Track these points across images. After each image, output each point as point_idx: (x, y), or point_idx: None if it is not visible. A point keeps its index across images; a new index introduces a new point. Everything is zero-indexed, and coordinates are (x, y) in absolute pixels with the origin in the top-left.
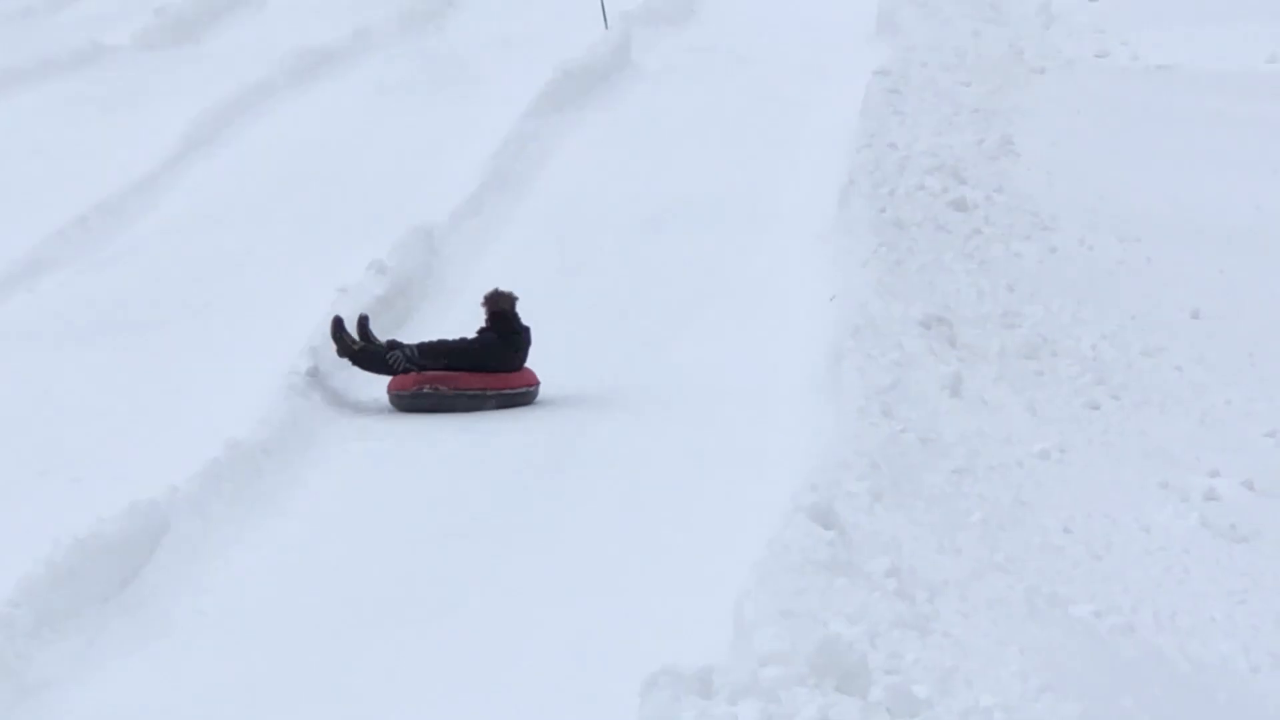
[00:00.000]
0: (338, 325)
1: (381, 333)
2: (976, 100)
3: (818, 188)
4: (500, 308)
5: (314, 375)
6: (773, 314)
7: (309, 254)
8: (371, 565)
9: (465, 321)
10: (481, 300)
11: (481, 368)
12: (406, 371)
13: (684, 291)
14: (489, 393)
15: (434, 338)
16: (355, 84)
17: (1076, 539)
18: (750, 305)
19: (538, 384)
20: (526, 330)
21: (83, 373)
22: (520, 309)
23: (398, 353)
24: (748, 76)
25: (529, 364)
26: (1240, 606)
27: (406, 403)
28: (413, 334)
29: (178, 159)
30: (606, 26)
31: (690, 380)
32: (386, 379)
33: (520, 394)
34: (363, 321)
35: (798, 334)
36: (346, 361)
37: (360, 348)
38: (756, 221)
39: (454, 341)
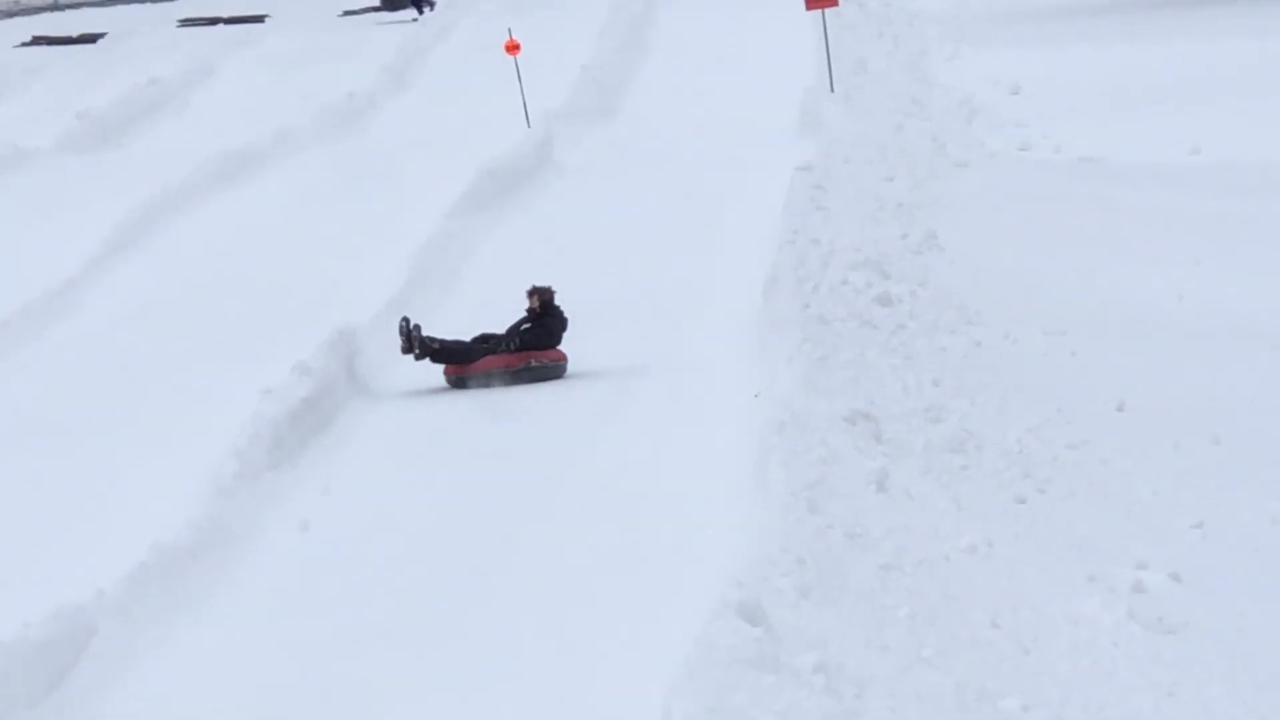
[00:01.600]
0: (411, 330)
1: (305, 434)
2: (900, 195)
3: (742, 284)
4: (548, 298)
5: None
6: (698, 411)
7: (232, 356)
8: (296, 669)
9: (391, 418)
10: (529, 292)
11: (549, 346)
12: (514, 351)
13: (608, 389)
14: (562, 364)
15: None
16: (278, 186)
17: (1004, 633)
18: (675, 402)
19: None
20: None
21: (6, 477)
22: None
23: (512, 341)
24: (671, 173)
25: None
26: (1169, 699)
27: (508, 378)
28: (339, 438)
29: (100, 261)
30: (529, 125)
31: (615, 478)
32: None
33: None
34: (406, 322)
35: (723, 431)
36: (269, 461)
37: (439, 345)
38: (680, 318)
39: (537, 331)
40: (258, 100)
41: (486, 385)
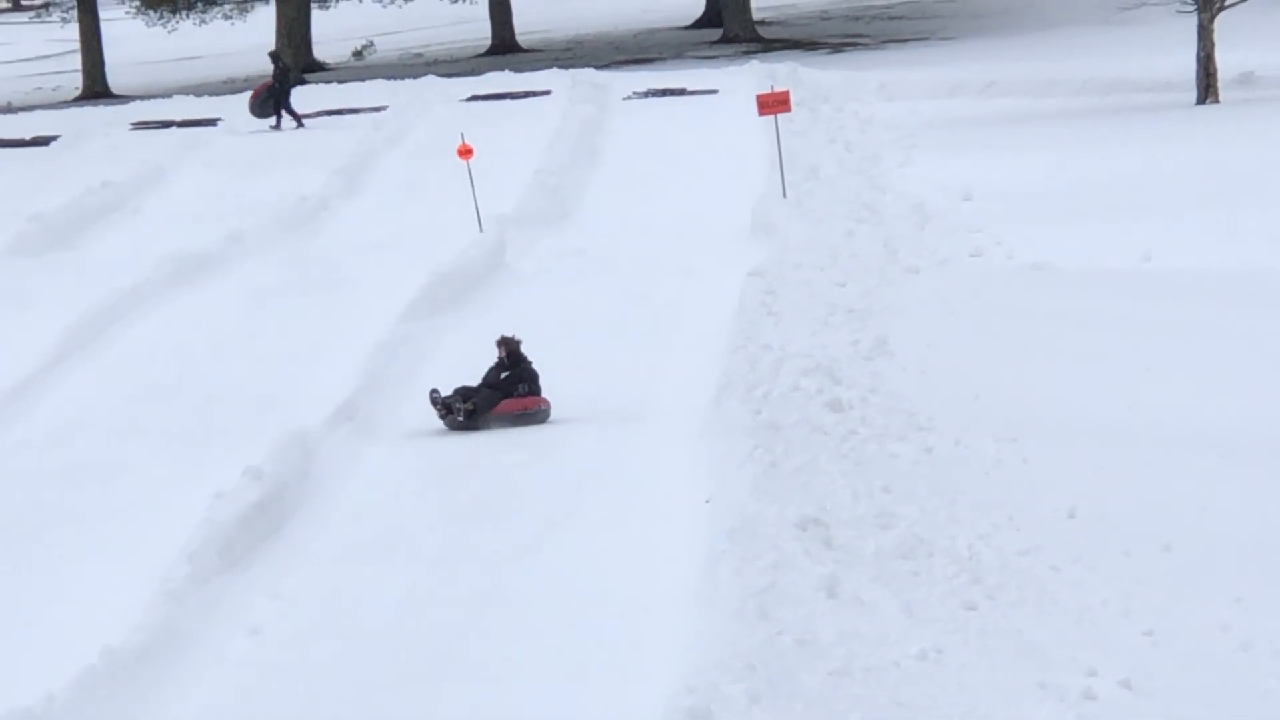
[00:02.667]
0: (448, 400)
1: (256, 538)
2: (851, 300)
3: (693, 389)
4: (514, 348)
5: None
6: (649, 516)
7: (184, 459)
8: None
9: (342, 522)
10: (498, 342)
11: (538, 391)
12: (523, 396)
13: (560, 495)
14: (548, 410)
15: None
16: (230, 289)
17: None
18: (626, 507)
19: None
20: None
21: None
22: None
23: (522, 386)
24: (623, 278)
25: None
26: None
27: (520, 421)
28: (291, 542)
29: (53, 365)
30: (481, 229)
31: (565, 582)
32: None
33: None
34: (436, 393)
35: (674, 536)
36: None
37: (474, 406)
38: (632, 423)
39: (524, 377)
40: (210, 203)
41: (502, 426)
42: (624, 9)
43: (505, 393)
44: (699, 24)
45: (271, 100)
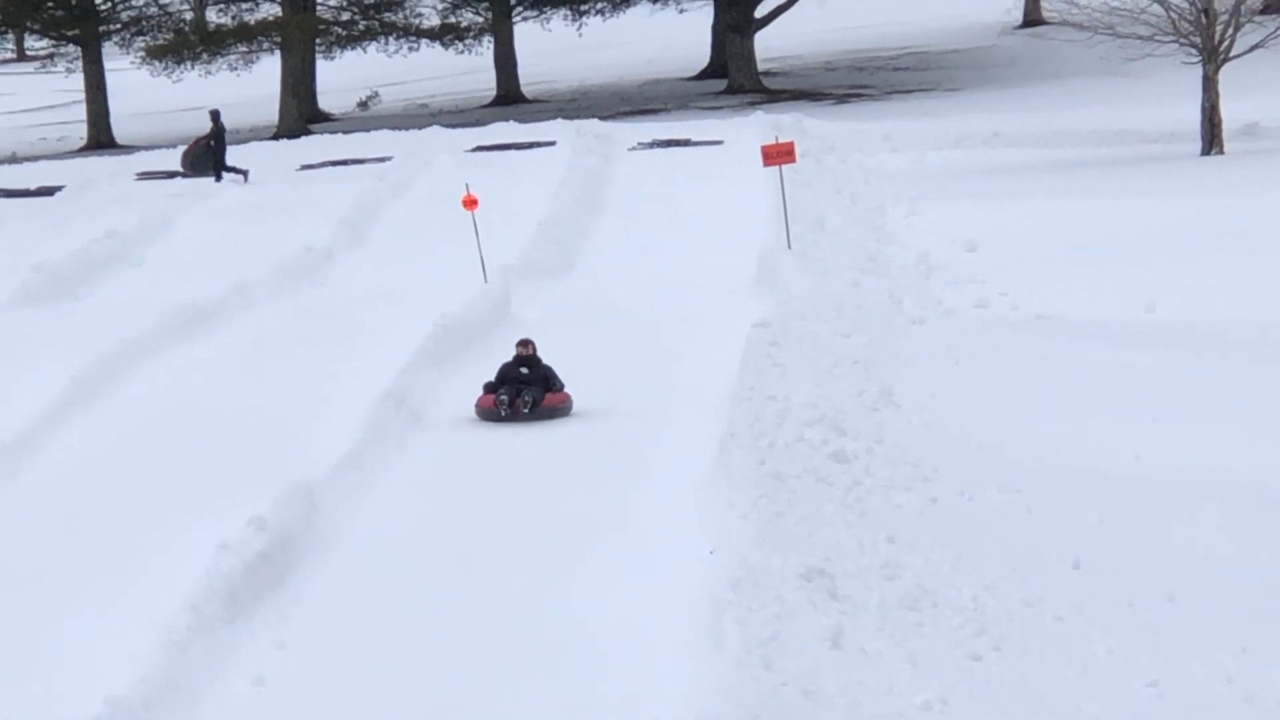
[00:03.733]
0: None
1: (261, 588)
2: (856, 351)
3: (697, 439)
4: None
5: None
6: (652, 566)
7: (188, 509)
8: None
9: (347, 571)
10: (524, 341)
11: (563, 387)
12: (558, 391)
13: (563, 544)
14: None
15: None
16: (234, 338)
17: None
18: (629, 557)
19: None
20: None
21: None
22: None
23: (556, 382)
24: (627, 329)
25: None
26: None
27: (562, 412)
28: (295, 592)
29: (57, 414)
30: (486, 280)
31: (569, 633)
32: None
33: None
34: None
35: (677, 586)
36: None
37: (534, 399)
38: (636, 473)
39: (549, 374)
40: (215, 253)
41: (554, 418)
42: (629, 60)
43: (545, 388)
44: (704, 75)
45: (207, 157)
